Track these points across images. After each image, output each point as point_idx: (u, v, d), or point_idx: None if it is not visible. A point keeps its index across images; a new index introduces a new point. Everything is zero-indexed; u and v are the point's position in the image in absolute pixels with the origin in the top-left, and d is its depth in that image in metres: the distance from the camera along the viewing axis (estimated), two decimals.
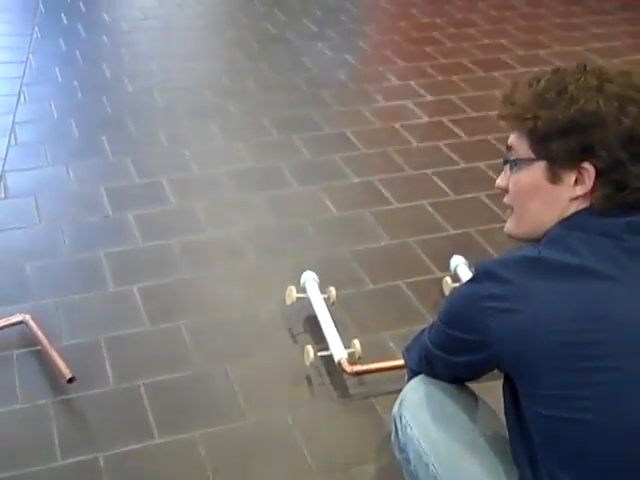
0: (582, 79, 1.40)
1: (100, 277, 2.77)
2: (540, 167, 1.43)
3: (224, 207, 3.22)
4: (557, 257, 1.35)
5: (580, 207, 1.40)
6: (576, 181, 1.40)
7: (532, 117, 1.43)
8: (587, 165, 1.38)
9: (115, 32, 4.92)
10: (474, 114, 3.98)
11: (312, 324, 2.51)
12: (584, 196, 1.40)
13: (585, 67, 1.43)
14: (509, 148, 1.52)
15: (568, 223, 1.40)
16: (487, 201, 3.25)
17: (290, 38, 4.87)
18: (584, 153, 1.38)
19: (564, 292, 1.32)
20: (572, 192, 1.40)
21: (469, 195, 3.31)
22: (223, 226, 3.08)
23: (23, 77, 4.25)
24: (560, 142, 1.40)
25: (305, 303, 2.55)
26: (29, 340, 2.44)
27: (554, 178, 1.42)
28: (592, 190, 1.39)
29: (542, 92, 1.43)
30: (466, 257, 2.73)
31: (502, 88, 4.37)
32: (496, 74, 4.42)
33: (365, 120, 3.91)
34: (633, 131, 1.36)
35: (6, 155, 3.51)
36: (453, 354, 1.52)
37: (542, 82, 1.45)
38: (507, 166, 1.52)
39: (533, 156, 1.44)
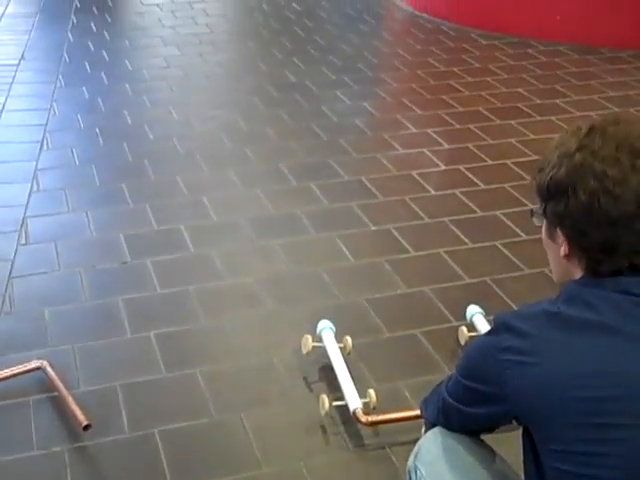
0: (565, 144, 1.42)
1: (118, 323, 2.79)
2: (544, 223, 1.48)
3: (241, 254, 3.24)
4: (575, 313, 1.36)
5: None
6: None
7: (533, 178, 1.48)
8: (559, 231, 1.42)
9: (137, 80, 5.00)
10: (491, 162, 4.00)
11: (328, 373, 2.51)
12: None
13: (580, 129, 1.44)
14: None
15: (585, 280, 1.41)
16: (504, 250, 3.25)
17: (309, 86, 4.93)
18: (556, 219, 1.41)
19: (581, 347, 1.33)
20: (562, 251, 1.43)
21: (486, 243, 3.31)
22: (240, 273, 3.10)
23: (46, 124, 4.32)
24: (546, 205, 1.44)
25: (321, 352, 2.55)
26: (46, 386, 2.45)
27: (551, 235, 1.46)
28: (570, 254, 1.41)
29: (545, 155, 1.46)
30: (482, 306, 2.73)
31: (519, 137, 4.40)
32: (513, 122, 4.44)
33: (382, 168, 3.94)
34: (590, 205, 1.35)
35: (28, 201, 3.56)
36: (469, 405, 1.51)
37: (552, 143, 1.47)
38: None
39: (541, 212, 1.48)
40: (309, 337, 2.56)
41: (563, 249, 1.42)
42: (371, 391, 2.33)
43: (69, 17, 6.13)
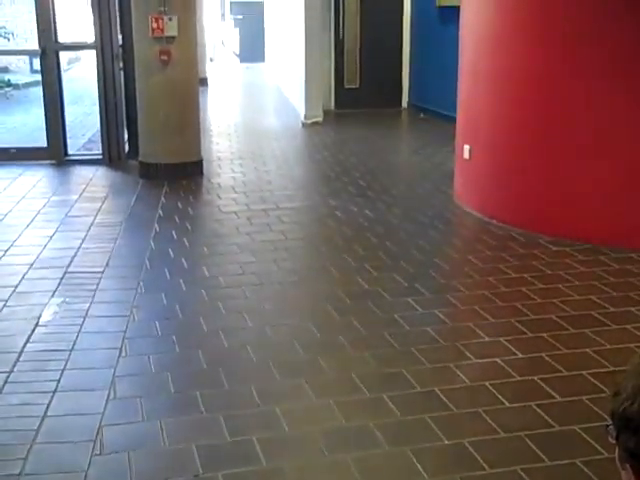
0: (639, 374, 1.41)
1: None
2: (617, 448, 1.43)
3: (313, 468, 3.21)
4: None
5: None
6: None
7: (609, 398, 1.45)
8: (628, 465, 1.37)
9: (213, 286, 5.16)
10: (566, 373, 3.94)
11: None
12: None
13: None
14: None
15: None
16: (584, 468, 3.14)
17: (381, 293, 5.01)
18: (625, 453, 1.37)
19: None
20: None
21: (564, 461, 3.21)
22: None
23: (125, 331, 4.45)
24: (619, 432, 1.40)
25: None
26: None
27: (621, 462, 1.41)
28: None
29: (623, 378, 1.44)
30: None
31: (594, 346, 4.33)
32: (587, 331, 4.41)
33: (456, 378, 3.91)
34: None
35: (104, 409, 3.62)
36: None
37: (629, 366, 1.46)
38: None
39: (614, 436, 1.44)
40: None
41: None
42: None
43: (152, 225, 6.45)
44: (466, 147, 6.83)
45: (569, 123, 5.89)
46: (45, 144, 8.71)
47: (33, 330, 4.47)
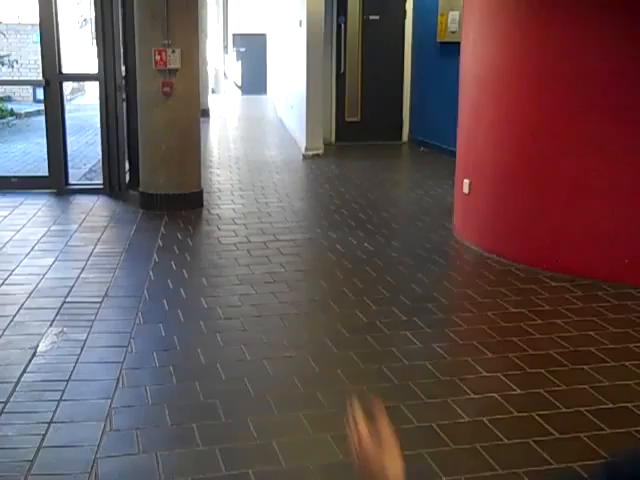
0: None
1: None
2: None
3: None
4: None
5: None
6: None
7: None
8: None
9: (212, 318, 5.15)
10: (565, 410, 3.92)
11: None
12: None
13: None
14: None
15: None
16: None
17: (379, 327, 5.00)
18: None
19: None
20: None
21: None
22: None
23: (123, 362, 4.44)
24: None
25: None
26: None
27: None
28: None
29: None
30: None
31: (593, 382, 4.31)
32: (586, 367, 4.40)
33: (453, 413, 3.89)
34: None
35: (100, 441, 3.60)
36: None
37: None
38: None
39: None
40: None
41: None
42: None
43: (152, 256, 6.45)
44: (466, 181, 6.86)
45: (569, 160, 5.91)
46: (46, 173, 8.75)
47: (30, 360, 4.45)
